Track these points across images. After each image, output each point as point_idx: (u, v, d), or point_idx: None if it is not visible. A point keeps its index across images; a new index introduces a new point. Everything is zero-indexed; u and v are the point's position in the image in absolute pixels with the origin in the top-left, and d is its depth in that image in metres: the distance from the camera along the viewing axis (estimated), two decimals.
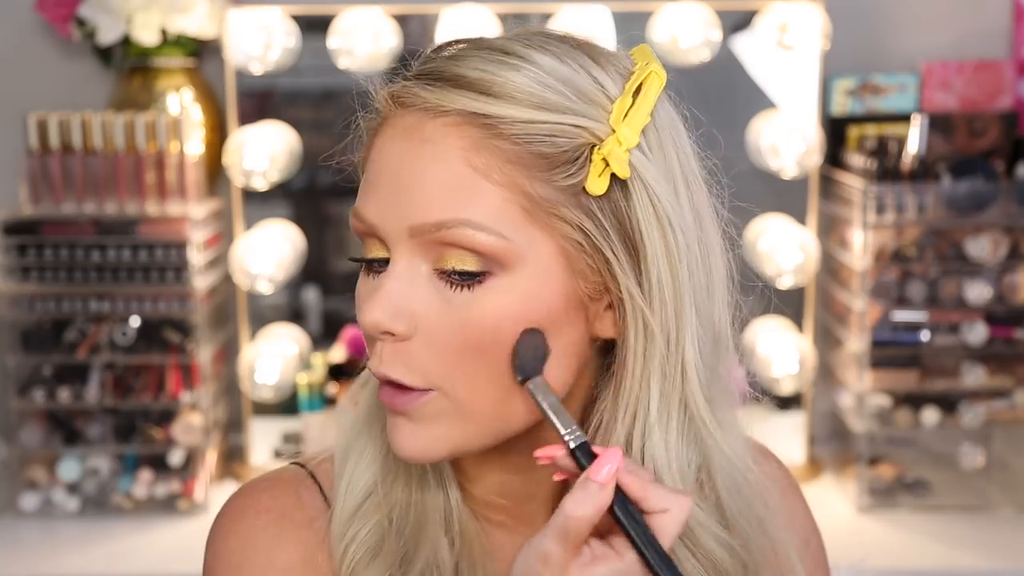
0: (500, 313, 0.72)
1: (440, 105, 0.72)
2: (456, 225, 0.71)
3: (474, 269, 0.72)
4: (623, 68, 0.76)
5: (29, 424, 2.22)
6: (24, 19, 2.39)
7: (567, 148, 0.72)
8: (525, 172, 0.72)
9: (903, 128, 2.28)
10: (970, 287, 2.19)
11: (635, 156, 0.73)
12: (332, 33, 2.22)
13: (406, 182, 0.73)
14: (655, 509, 0.68)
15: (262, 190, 2.27)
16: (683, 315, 0.74)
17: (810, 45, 2.22)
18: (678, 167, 0.76)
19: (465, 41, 0.76)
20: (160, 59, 2.30)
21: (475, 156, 0.71)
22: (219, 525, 0.85)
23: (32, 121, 2.21)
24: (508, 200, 0.72)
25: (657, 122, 0.75)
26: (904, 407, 2.24)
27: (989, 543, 2.09)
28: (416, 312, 0.73)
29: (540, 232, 0.72)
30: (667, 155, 0.75)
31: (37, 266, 2.17)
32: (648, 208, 0.73)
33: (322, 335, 2.46)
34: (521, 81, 0.72)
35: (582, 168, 0.72)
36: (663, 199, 0.74)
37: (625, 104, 0.73)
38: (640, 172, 0.73)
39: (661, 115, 0.76)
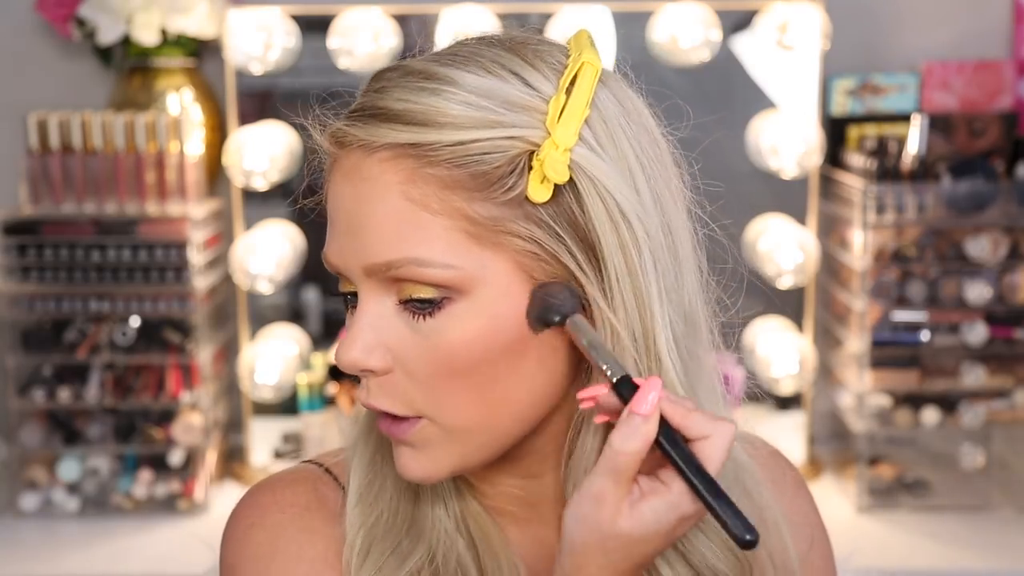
0: (468, 336, 0.72)
1: (372, 141, 0.72)
2: (403, 264, 0.71)
3: (431, 296, 0.72)
4: (557, 63, 0.74)
5: (29, 424, 2.22)
6: (24, 19, 2.39)
7: (502, 163, 0.71)
8: (464, 195, 0.71)
9: (903, 128, 2.28)
10: (970, 287, 2.19)
11: (579, 153, 0.71)
12: (332, 33, 2.22)
13: (355, 223, 0.73)
14: (698, 436, 0.68)
15: (262, 190, 2.27)
16: (650, 306, 0.73)
17: (810, 45, 2.22)
18: (632, 155, 0.74)
19: (394, 69, 0.75)
20: (160, 59, 2.30)
21: (412, 188, 0.71)
22: (240, 521, 0.84)
23: (32, 121, 2.21)
24: (450, 228, 0.71)
25: (603, 112, 0.74)
26: (904, 407, 2.24)
27: (989, 543, 2.09)
28: (390, 345, 0.74)
29: (491, 252, 0.72)
30: (618, 144, 0.74)
31: (37, 266, 2.17)
32: (598, 204, 0.72)
33: (322, 335, 2.46)
34: (443, 105, 0.71)
35: (521, 178, 0.71)
36: (614, 192, 0.72)
37: (559, 103, 0.72)
38: (585, 168, 0.72)
39: (607, 105, 0.74)
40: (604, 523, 0.68)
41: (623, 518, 0.68)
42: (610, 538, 0.68)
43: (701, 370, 0.78)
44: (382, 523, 0.82)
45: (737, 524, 0.65)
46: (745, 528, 0.65)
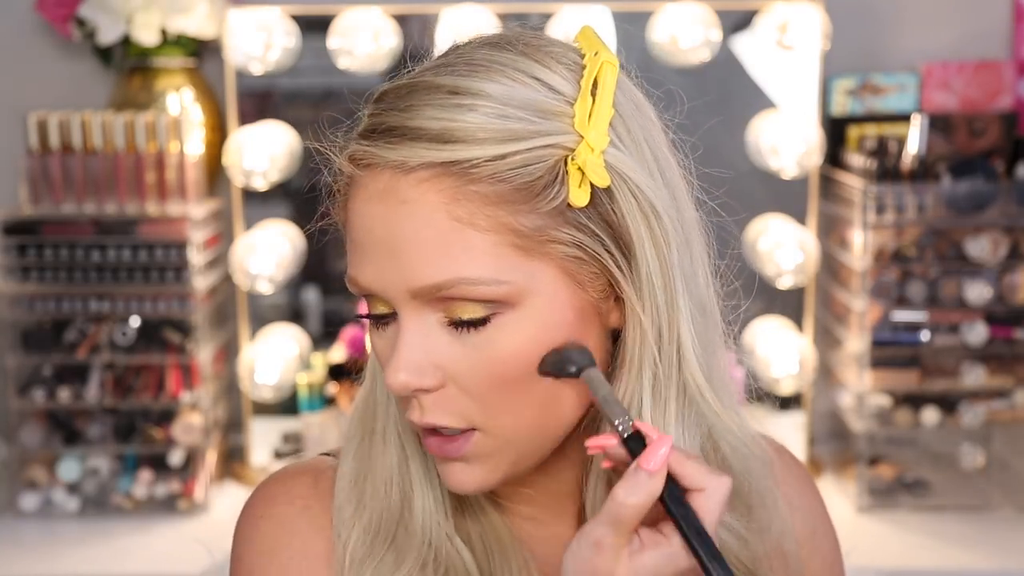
0: (519, 344, 0.72)
1: (406, 162, 0.71)
2: (454, 284, 0.71)
3: (481, 315, 0.72)
4: (572, 62, 0.75)
5: (29, 424, 2.22)
6: (24, 19, 2.39)
7: (543, 172, 0.71)
8: (509, 209, 0.71)
9: (903, 128, 2.28)
10: (970, 287, 2.19)
11: (609, 154, 0.72)
12: (332, 33, 2.22)
13: (396, 247, 0.72)
14: (692, 487, 0.69)
15: (262, 190, 2.27)
16: (676, 301, 0.75)
17: (810, 45, 2.22)
18: (647, 147, 0.75)
19: (414, 86, 0.74)
20: (160, 59, 2.30)
21: (457, 208, 0.70)
22: (251, 512, 0.85)
23: (32, 121, 2.21)
24: (499, 244, 0.71)
25: (621, 111, 0.74)
26: (904, 407, 2.24)
27: (989, 543, 2.09)
28: (440, 363, 0.73)
29: (538, 262, 0.72)
30: (637, 141, 0.75)
31: (37, 266, 2.17)
32: (632, 202, 0.73)
33: (322, 335, 2.46)
34: (481, 120, 0.71)
35: (562, 185, 0.71)
36: (644, 188, 0.73)
37: (586, 105, 0.72)
38: (617, 168, 0.72)
39: (622, 102, 0.75)
40: (600, 570, 0.69)
41: (621, 568, 0.69)
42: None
43: (717, 362, 0.79)
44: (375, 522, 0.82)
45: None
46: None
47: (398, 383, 0.73)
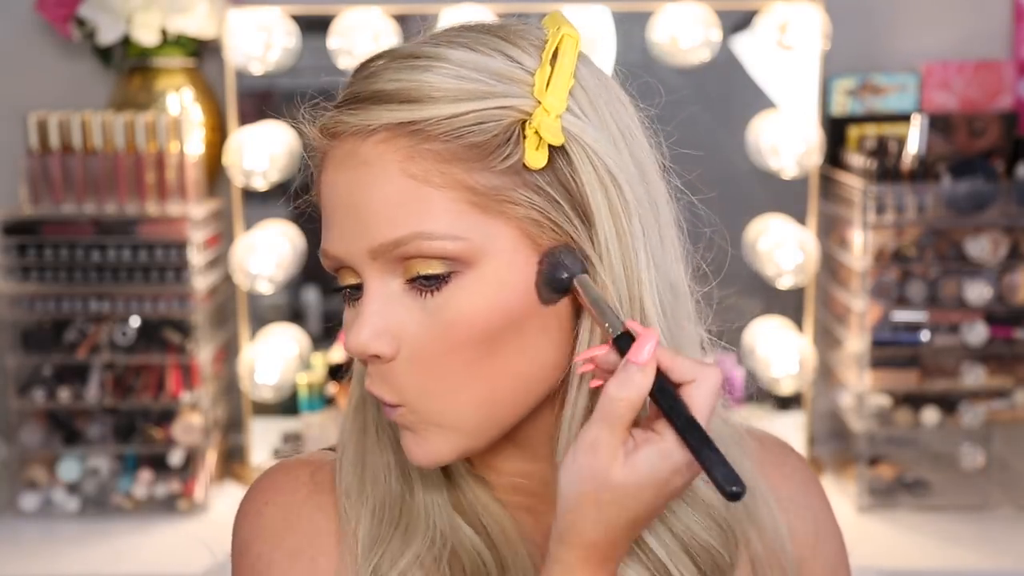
0: (476, 307, 0.73)
1: (367, 124, 0.73)
2: (411, 240, 0.72)
3: (439, 271, 0.73)
4: (537, 40, 0.76)
5: (29, 424, 2.22)
6: (24, 19, 2.39)
7: (497, 131, 0.72)
8: (463, 167, 0.72)
9: (903, 128, 2.28)
10: (970, 287, 2.19)
11: (567, 120, 0.73)
12: (332, 33, 2.22)
13: (356, 208, 0.74)
14: (683, 379, 0.69)
15: (262, 190, 2.27)
16: (637, 270, 0.75)
17: (810, 45, 2.22)
18: (613, 123, 0.76)
19: (380, 56, 0.76)
20: (160, 59, 2.30)
21: (411, 165, 0.72)
22: (253, 500, 0.86)
23: (32, 121, 2.21)
24: (455, 200, 0.72)
25: (583, 82, 0.75)
26: (904, 407, 2.24)
27: (989, 543, 2.10)
28: (398, 330, 0.74)
29: (495, 220, 0.73)
30: (600, 112, 0.75)
31: (37, 266, 2.17)
32: (589, 169, 0.73)
33: (322, 335, 2.46)
34: (436, 80, 0.72)
35: (517, 146, 0.72)
36: (603, 156, 0.74)
37: (545, 73, 0.73)
38: (576, 135, 0.73)
39: (585, 74, 0.76)
40: (599, 472, 0.69)
41: (618, 467, 0.69)
42: (605, 489, 0.69)
43: (686, 339, 0.79)
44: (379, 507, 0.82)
45: (724, 474, 0.66)
46: (731, 479, 0.65)
47: (357, 344, 0.74)
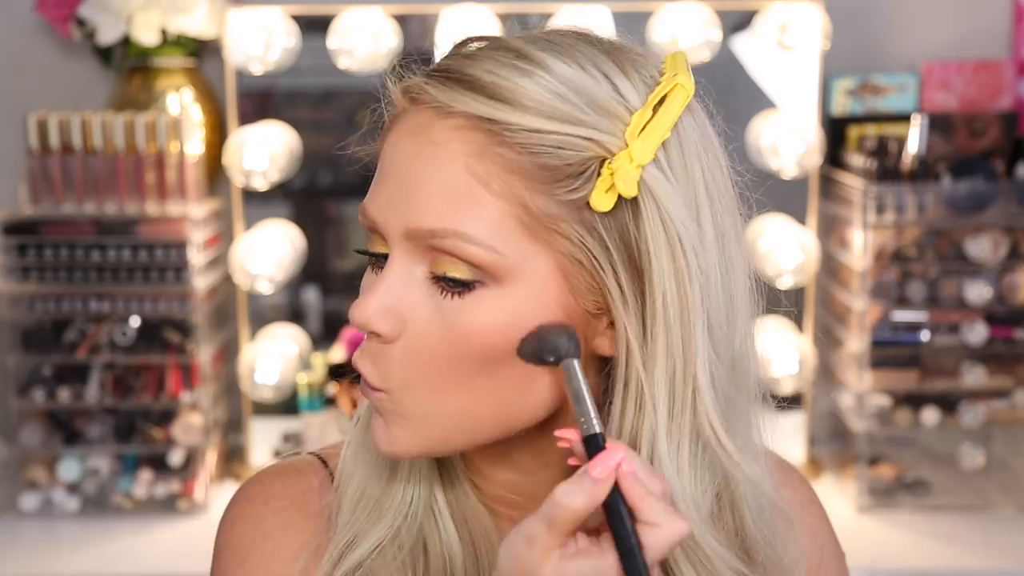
0: (489, 325, 0.71)
1: (448, 105, 0.71)
2: (449, 235, 0.70)
3: (465, 278, 0.71)
4: (650, 76, 0.73)
5: (29, 424, 2.22)
6: (24, 19, 2.39)
7: (572, 161, 0.69)
8: (527, 183, 0.69)
9: (903, 128, 2.28)
10: (970, 287, 2.19)
11: (650, 173, 0.70)
12: (332, 33, 2.22)
13: (408, 184, 0.72)
14: (646, 520, 0.67)
15: (262, 190, 2.27)
16: (693, 339, 0.72)
17: (810, 45, 2.22)
18: (703, 186, 0.73)
19: (486, 39, 0.75)
20: (160, 59, 2.30)
21: (477, 163, 0.70)
22: (229, 511, 0.86)
23: (32, 121, 2.21)
24: (506, 213, 0.70)
25: (683, 136, 0.72)
26: (904, 407, 2.24)
27: (989, 543, 2.09)
28: (405, 315, 0.73)
29: (538, 247, 0.70)
30: (690, 172, 0.72)
31: (37, 266, 2.17)
32: (658, 227, 0.70)
33: (322, 335, 2.46)
34: (532, 88, 0.70)
35: (588, 183, 0.70)
36: (676, 219, 0.70)
37: (644, 117, 0.70)
38: (653, 190, 0.70)
39: (688, 127, 0.73)
40: (529, 566, 0.68)
41: (548, 568, 0.67)
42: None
43: (738, 418, 0.76)
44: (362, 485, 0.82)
45: None
46: None
47: (361, 317, 0.72)
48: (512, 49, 0.72)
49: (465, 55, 0.73)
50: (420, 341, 0.72)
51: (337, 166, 2.44)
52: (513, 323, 0.71)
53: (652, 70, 0.74)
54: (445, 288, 0.71)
